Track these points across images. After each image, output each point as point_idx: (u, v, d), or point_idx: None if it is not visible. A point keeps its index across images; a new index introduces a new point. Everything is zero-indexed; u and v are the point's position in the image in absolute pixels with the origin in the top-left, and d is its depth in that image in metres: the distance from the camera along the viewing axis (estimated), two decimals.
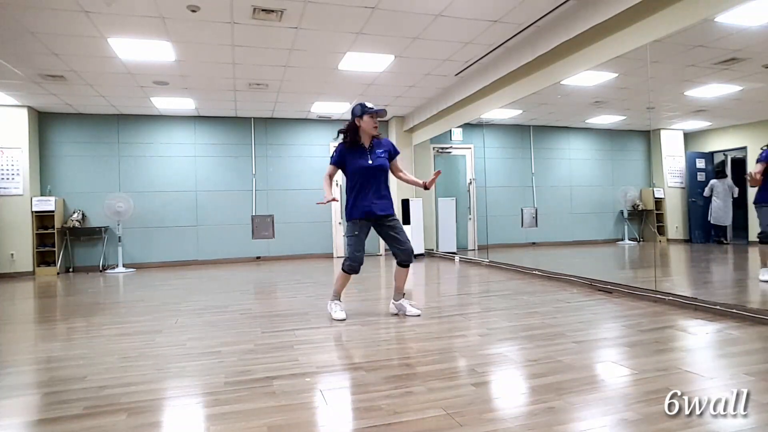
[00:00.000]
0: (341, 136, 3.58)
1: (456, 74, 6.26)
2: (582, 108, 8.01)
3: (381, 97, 7.35)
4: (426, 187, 3.63)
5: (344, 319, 3.51)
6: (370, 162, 3.50)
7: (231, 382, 2.26)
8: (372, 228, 3.60)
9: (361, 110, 3.49)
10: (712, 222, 7.50)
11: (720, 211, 7.41)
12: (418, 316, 3.58)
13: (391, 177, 3.67)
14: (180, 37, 4.75)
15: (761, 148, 4.42)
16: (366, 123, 3.48)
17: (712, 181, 7.60)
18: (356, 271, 3.54)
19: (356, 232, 3.51)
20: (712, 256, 7.19)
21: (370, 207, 3.50)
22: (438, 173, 3.63)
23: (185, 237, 8.17)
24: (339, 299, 3.65)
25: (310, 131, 8.80)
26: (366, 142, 3.54)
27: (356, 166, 3.50)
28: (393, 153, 3.64)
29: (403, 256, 3.55)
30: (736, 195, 7.23)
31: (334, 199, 3.56)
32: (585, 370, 2.30)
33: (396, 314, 3.65)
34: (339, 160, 3.56)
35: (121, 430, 1.79)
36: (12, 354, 2.94)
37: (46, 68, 5.52)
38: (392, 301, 3.71)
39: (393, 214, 3.58)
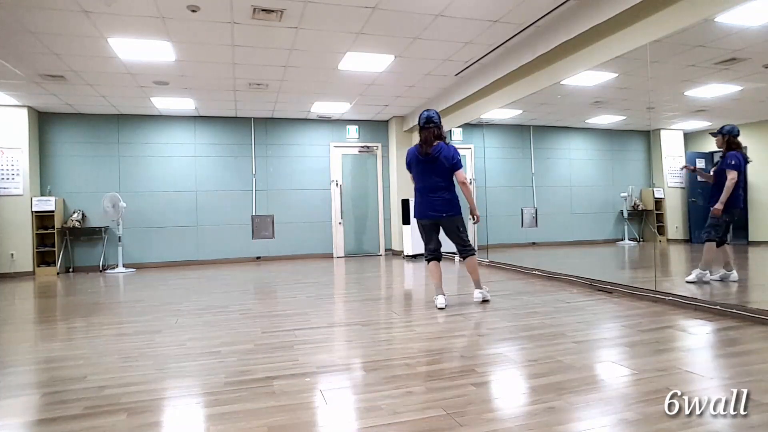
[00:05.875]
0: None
1: (456, 74, 6.25)
2: (582, 108, 8.00)
3: (381, 97, 7.35)
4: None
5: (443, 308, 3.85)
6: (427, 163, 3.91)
7: (231, 382, 2.26)
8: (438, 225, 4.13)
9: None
10: None
11: None
12: (486, 301, 4.03)
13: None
14: (180, 37, 4.75)
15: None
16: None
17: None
18: (428, 258, 4.11)
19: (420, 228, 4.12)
20: None
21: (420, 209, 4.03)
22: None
23: (185, 237, 8.17)
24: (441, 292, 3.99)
25: (310, 131, 8.79)
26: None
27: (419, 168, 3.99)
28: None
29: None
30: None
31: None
32: (585, 370, 2.30)
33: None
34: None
35: (121, 430, 1.79)
36: (12, 354, 2.94)
37: (46, 68, 5.52)
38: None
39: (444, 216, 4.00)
